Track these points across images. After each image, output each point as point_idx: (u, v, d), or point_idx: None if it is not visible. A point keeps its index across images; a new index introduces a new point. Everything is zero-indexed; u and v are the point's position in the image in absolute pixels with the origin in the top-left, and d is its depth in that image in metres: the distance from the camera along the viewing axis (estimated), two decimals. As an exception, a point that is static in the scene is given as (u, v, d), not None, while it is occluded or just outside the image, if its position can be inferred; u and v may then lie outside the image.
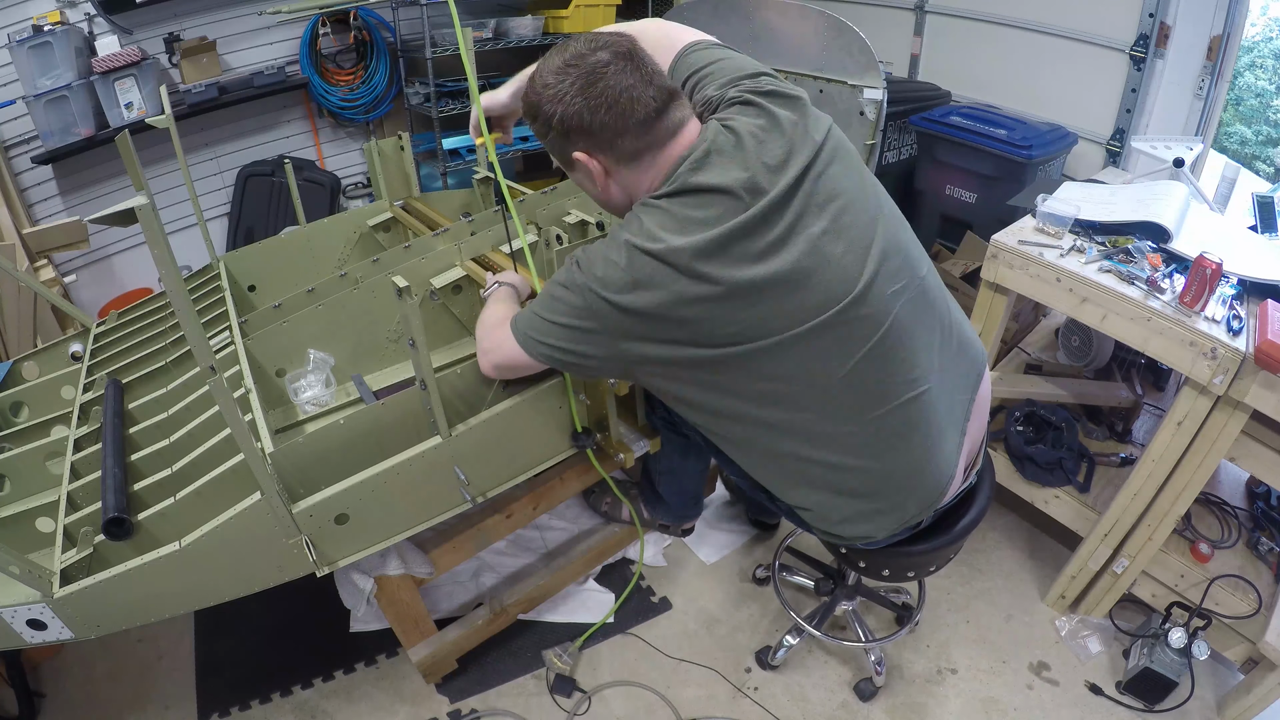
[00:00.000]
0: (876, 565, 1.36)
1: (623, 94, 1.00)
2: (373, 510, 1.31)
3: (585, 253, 1.06)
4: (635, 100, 1.01)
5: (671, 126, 1.05)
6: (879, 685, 1.69)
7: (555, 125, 1.04)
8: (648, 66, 1.04)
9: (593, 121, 1.01)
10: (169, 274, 0.94)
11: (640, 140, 1.03)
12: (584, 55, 1.02)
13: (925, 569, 1.41)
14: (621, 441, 1.62)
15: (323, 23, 3.22)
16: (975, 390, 1.24)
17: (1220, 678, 1.74)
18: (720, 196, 0.99)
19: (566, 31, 3.40)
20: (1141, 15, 2.44)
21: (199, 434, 1.36)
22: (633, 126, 1.02)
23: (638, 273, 0.99)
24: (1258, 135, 5.57)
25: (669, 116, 1.04)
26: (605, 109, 1.00)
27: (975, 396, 1.24)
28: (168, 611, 1.23)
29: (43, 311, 2.37)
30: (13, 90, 2.69)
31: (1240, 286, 1.54)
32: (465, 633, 1.70)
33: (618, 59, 1.01)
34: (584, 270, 1.05)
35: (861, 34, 1.87)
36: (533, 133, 1.12)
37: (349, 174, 3.67)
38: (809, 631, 1.71)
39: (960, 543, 1.34)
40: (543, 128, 1.07)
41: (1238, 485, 1.90)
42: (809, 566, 1.91)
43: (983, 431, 1.31)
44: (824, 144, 1.05)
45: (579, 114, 1.01)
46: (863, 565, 1.37)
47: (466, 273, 1.79)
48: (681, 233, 0.98)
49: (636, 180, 1.08)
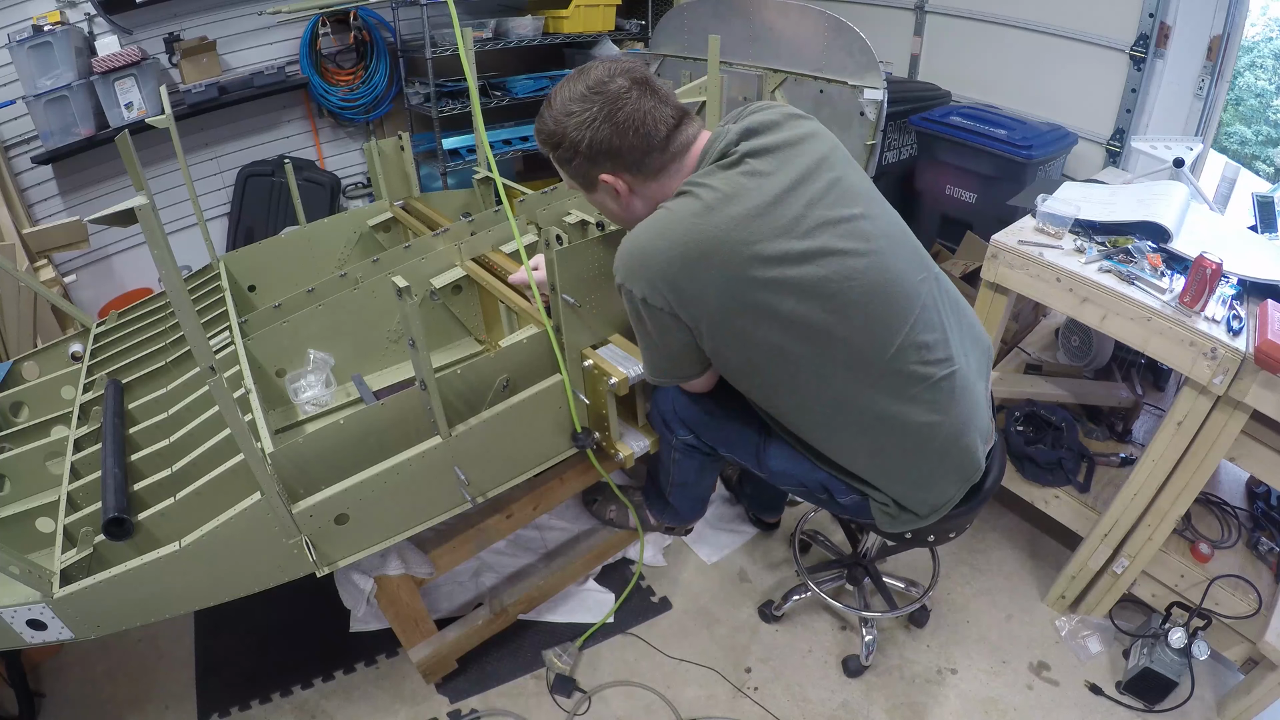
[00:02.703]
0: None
1: (646, 116, 1.08)
2: (373, 510, 1.31)
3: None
4: (657, 120, 1.09)
5: (687, 140, 1.13)
6: (866, 665, 1.71)
7: (583, 150, 1.10)
8: (661, 89, 1.12)
9: (621, 145, 1.08)
10: (169, 274, 0.94)
11: (664, 155, 1.11)
12: (604, 82, 1.08)
13: (945, 535, 1.43)
14: (622, 441, 1.62)
15: (323, 23, 3.22)
16: (988, 378, 1.32)
17: (1220, 678, 1.74)
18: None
19: (566, 31, 3.41)
20: (1141, 15, 2.44)
21: (199, 434, 1.36)
22: (657, 145, 1.10)
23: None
24: (1258, 135, 5.58)
25: (685, 131, 1.13)
26: (632, 132, 1.08)
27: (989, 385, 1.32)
28: (168, 611, 1.23)
29: (43, 311, 2.37)
30: (13, 90, 2.69)
31: (1240, 286, 1.54)
32: (465, 633, 1.70)
33: (635, 85, 1.09)
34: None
35: (861, 34, 1.87)
36: (553, 159, 1.17)
37: (349, 174, 3.67)
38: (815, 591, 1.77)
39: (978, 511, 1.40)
40: (568, 153, 1.12)
41: (1238, 485, 1.90)
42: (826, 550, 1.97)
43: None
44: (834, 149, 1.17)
45: (608, 139, 1.08)
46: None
47: (466, 273, 1.79)
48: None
49: (661, 189, 1.14)
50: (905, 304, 1.12)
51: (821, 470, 1.31)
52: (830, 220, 1.08)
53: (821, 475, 1.32)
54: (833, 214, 1.09)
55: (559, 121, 1.10)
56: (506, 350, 1.43)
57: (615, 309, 1.47)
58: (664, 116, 1.09)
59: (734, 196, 1.06)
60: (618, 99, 1.07)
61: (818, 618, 1.87)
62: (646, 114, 1.08)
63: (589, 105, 1.08)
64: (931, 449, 1.20)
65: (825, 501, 1.39)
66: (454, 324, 1.92)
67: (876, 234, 1.11)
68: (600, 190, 1.16)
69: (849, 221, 1.10)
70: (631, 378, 1.41)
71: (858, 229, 1.10)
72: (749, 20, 2.11)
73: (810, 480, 1.35)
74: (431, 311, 1.84)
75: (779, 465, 1.37)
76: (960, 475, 1.26)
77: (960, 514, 1.37)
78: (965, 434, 1.21)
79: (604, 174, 1.12)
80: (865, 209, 1.13)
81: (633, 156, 1.10)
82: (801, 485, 1.38)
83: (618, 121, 1.07)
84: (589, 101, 1.08)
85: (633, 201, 1.17)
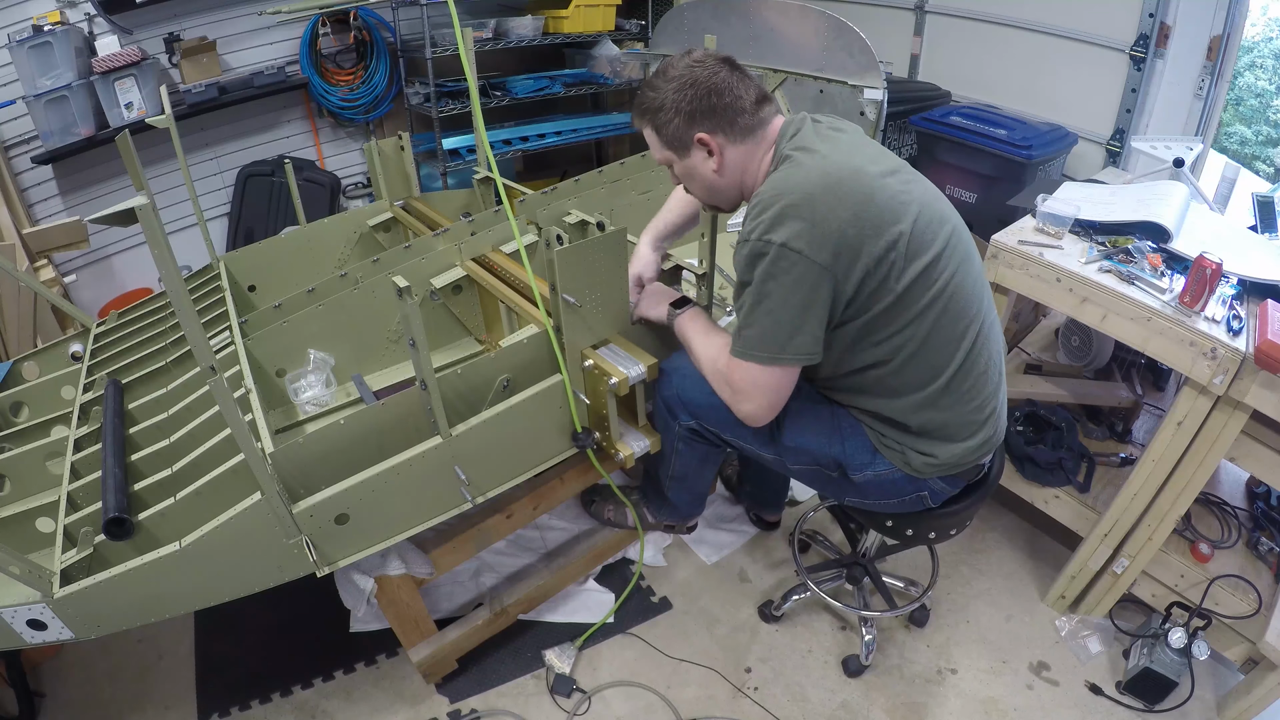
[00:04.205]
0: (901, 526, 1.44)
1: (736, 84, 1.24)
2: (373, 510, 1.31)
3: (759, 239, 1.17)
4: (746, 87, 1.25)
5: (769, 113, 1.28)
6: (865, 664, 1.71)
7: (684, 110, 1.23)
8: (744, 69, 1.27)
9: (717, 104, 1.22)
10: (169, 274, 0.94)
11: (753, 119, 1.25)
12: (699, 61, 1.25)
13: (946, 532, 1.47)
14: (622, 441, 1.62)
15: (323, 23, 3.22)
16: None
17: (1220, 678, 1.74)
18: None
19: (566, 31, 3.40)
20: (1141, 15, 2.44)
21: (199, 434, 1.36)
22: (748, 107, 1.24)
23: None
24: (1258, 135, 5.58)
25: (767, 105, 1.28)
26: (728, 92, 1.23)
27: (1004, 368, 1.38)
28: (168, 611, 1.23)
29: (43, 311, 2.37)
30: (13, 90, 2.69)
31: (1240, 286, 1.54)
32: (465, 633, 1.70)
33: (724, 62, 1.25)
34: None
35: (861, 34, 1.87)
36: (645, 130, 1.31)
37: (349, 174, 3.67)
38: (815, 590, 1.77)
39: (978, 507, 1.44)
40: (668, 115, 1.25)
41: (1238, 485, 1.90)
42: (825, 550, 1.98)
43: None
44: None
45: (705, 98, 1.22)
46: (889, 525, 1.45)
47: (466, 273, 1.79)
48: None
49: (748, 155, 1.27)
50: (976, 265, 1.28)
51: (836, 446, 1.35)
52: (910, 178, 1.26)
53: (835, 451, 1.36)
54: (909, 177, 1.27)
55: (659, 89, 1.25)
56: (506, 350, 1.43)
57: (615, 309, 1.47)
58: (751, 85, 1.25)
59: (838, 147, 1.21)
60: (712, 71, 1.23)
61: (818, 617, 1.88)
62: (736, 82, 1.24)
63: (685, 74, 1.23)
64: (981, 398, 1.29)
65: (834, 481, 1.41)
66: (454, 324, 1.92)
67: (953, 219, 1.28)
68: (694, 152, 1.27)
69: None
70: (631, 378, 1.41)
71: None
72: (749, 20, 2.11)
73: (824, 457, 1.38)
74: (431, 311, 1.84)
75: (794, 440, 1.39)
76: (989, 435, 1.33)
77: (961, 509, 1.40)
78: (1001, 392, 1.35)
79: (701, 133, 1.24)
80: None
81: (726, 116, 1.23)
82: (815, 463, 1.40)
83: (714, 85, 1.22)
84: (685, 73, 1.23)
85: (724, 163, 1.27)
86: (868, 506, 1.45)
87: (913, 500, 1.37)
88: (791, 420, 1.37)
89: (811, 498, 2.20)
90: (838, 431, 1.36)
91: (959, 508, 1.41)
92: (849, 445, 1.35)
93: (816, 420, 1.38)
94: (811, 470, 1.42)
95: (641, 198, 2.26)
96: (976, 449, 1.31)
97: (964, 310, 1.23)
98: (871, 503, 1.42)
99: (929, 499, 1.37)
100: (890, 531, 1.48)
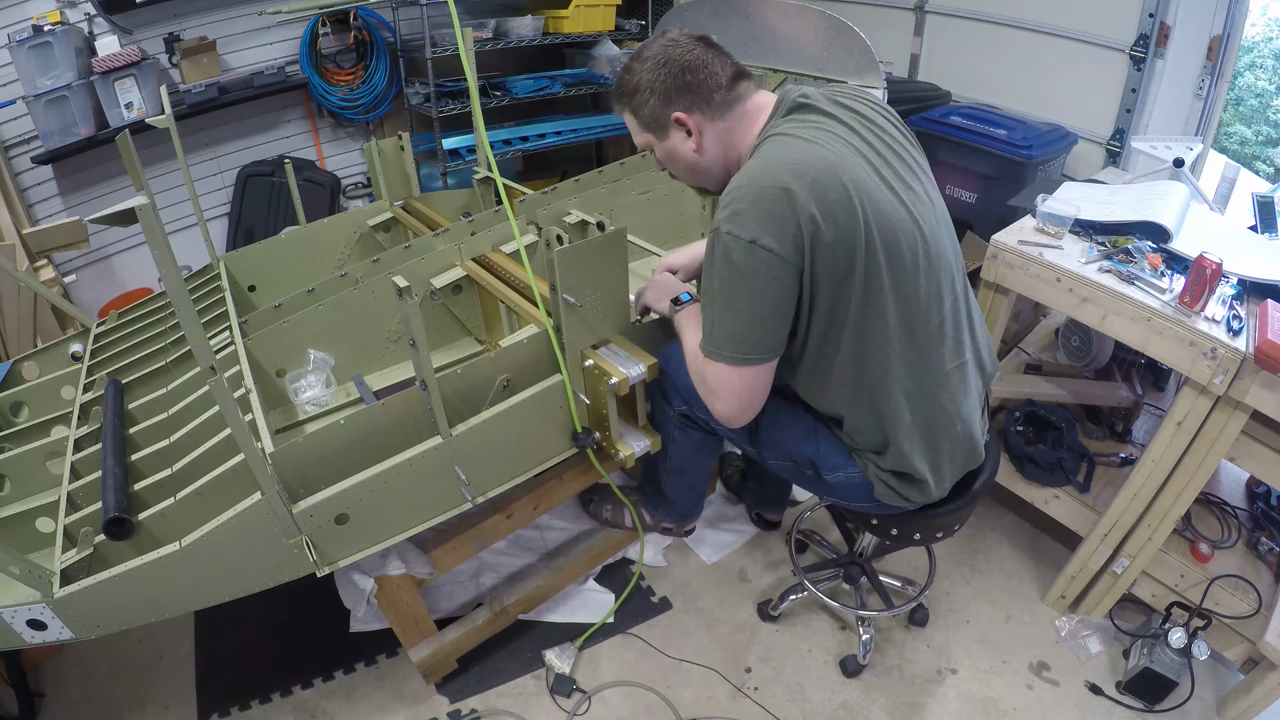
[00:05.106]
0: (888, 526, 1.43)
1: (711, 60, 1.22)
2: (373, 510, 1.31)
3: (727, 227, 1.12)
4: (722, 64, 1.23)
5: (746, 90, 1.25)
6: (863, 664, 1.71)
7: (658, 90, 1.22)
8: (719, 45, 1.25)
9: (692, 80, 1.20)
10: (169, 274, 0.94)
11: (728, 95, 1.22)
12: (673, 42, 1.23)
13: (932, 535, 1.46)
14: (622, 441, 1.62)
15: (323, 23, 3.22)
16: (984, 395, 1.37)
17: (1220, 678, 1.74)
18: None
19: (566, 31, 3.40)
20: (1141, 15, 2.43)
21: (199, 434, 1.36)
22: (724, 84, 1.22)
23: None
24: (1258, 135, 5.57)
25: (744, 81, 1.25)
26: (702, 69, 1.21)
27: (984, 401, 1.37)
28: (168, 611, 1.23)
29: (43, 311, 2.37)
30: (13, 90, 2.69)
31: (1240, 286, 1.54)
32: (465, 633, 1.70)
33: (697, 40, 1.23)
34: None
35: (861, 34, 1.87)
36: (624, 115, 1.30)
37: (349, 174, 3.67)
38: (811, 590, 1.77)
39: (970, 510, 1.42)
40: (644, 97, 1.23)
41: (1238, 485, 1.90)
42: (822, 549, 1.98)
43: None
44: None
45: (678, 76, 1.20)
46: (874, 523, 1.43)
47: (466, 273, 1.79)
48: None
49: (730, 132, 1.24)
50: (947, 285, 1.21)
51: (810, 445, 1.35)
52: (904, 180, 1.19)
53: (809, 450, 1.35)
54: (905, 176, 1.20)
55: (634, 71, 1.24)
56: (506, 350, 1.43)
57: (615, 309, 1.47)
58: (725, 62, 1.23)
59: (825, 127, 1.16)
60: (684, 49, 1.22)
61: (817, 617, 1.88)
62: (711, 59, 1.22)
63: (660, 54, 1.22)
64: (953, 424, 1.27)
65: (810, 480, 1.41)
66: (454, 324, 1.92)
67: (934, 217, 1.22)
68: (673, 134, 1.25)
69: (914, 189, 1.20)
70: (631, 378, 1.41)
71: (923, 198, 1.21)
72: (749, 20, 2.11)
73: (799, 455, 1.37)
74: (431, 311, 1.84)
75: (769, 435, 1.39)
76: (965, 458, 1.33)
77: (953, 511, 1.38)
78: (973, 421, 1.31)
79: (678, 111, 1.22)
80: (926, 190, 1.23)
81: (701, 93, 1.21)
82: (790, 460, 1.39)
83: (688, 62, 1.20)
84: (660, 53, 1.22)
85: (704, 142, 1.25)
86: (846, 506, 1.44)
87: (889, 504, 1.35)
88: (770, 416, 1.35)
89: (810, 497, 2.20)
90: (813, 430, 1.35)
91: (943, 511, 1.37)
92: (823, 445, 1.34)
93: (792, 417, 1.37)
94: (788, 467, 1.42)
95: (641, 198, 2.26)
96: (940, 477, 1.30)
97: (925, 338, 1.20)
98: (848, 503, 1.41)
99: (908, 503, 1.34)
100: (876, 530, 1.46)
